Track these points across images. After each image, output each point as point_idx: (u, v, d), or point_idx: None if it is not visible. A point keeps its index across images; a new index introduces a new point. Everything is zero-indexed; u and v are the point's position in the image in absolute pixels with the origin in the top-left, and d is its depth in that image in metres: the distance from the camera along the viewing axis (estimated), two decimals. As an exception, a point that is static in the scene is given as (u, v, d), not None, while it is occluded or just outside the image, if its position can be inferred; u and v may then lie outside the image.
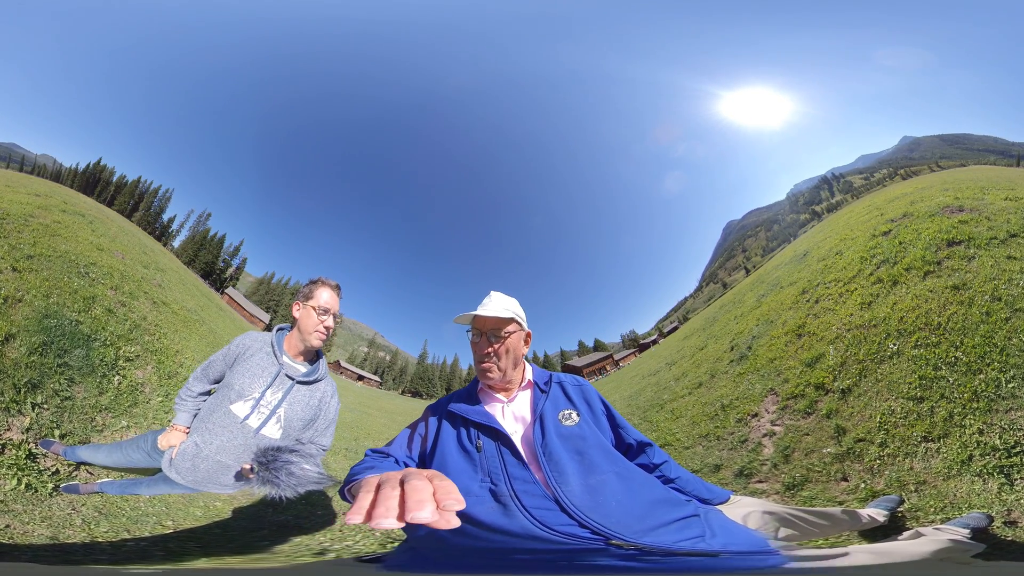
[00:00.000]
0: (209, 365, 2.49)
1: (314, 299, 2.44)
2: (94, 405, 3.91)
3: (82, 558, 2.46)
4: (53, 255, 6.04)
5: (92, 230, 8.76)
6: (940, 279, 4.76)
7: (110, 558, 2.55)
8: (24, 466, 3.00)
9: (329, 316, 2.46)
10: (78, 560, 2.42)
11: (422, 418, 1.95)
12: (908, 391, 3.64)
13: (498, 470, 1.64)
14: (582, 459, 1.66)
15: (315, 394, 2.44)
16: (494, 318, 1.89)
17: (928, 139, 17.11)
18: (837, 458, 3.50)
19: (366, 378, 21.91)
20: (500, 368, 1.88)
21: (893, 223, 7.18)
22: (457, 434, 1.80)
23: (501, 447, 1.70)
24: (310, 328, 2.42)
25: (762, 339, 6.61)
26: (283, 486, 2.12)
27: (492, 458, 1.68)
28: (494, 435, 1.74)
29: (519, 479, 1.61)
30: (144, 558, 2.63)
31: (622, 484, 1.63)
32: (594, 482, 1.61)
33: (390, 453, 1.81)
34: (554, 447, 1.67)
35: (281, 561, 2.80)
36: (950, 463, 2.93)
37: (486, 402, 1.89)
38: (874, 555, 1.68)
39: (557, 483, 1.58)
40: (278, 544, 3.13)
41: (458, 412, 1.84)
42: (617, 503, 1.56)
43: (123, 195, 17.99)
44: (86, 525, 2.79)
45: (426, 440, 1.85)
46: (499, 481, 1.62)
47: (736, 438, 4.62)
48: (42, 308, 4.52)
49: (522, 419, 1.82)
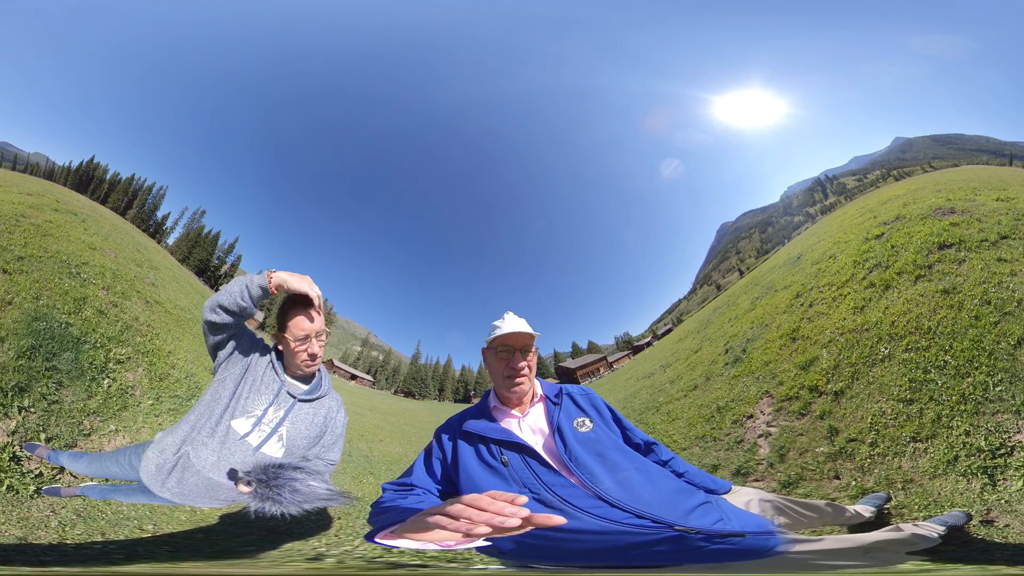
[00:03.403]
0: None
1: (288, 330, 2.18)
2: (82, 409, 3.87)
3: (51, 560, 2.42)
4: (44, 256, 5.98)
5: (85, 229, 8.68)
6: (931, 283, 4.79)
7: (75, 559, 2.51)
8: (7, 468, 2.98)
9: (310, 342, 2.20)
10: (48, 562, 2.39)
11: (434, 443, 2.00)
12: (899, 393, 3.71)
13: (533, 481, 1.73)
14: (604, 460, 1.79)
15: (319, 411, 2.30)
16: (528, 334, 1.99)
17: (920, 140, 17.18)
18: (830, 457, 3.59)
19: (359, 377, 21.84)
20: (529, 380, 1.99)
21: (885, 226, 7.21)
22: (477, 452, 1.86)
23: (528, 459, 1.79)
24: (294, 359, 2.21)
25: (757, 342, 6.64)
26: (286, 503, 2.02)
27: (522, 471, 1.77)
28: (518, 449, 1.82)
29: (558, 485, 1.71)
30: (110, 562, 2.58)
31: (643, 477, 1.77)
32: (621, 478, 1.74)
33: (413, 484, 1.83)
34: (578, 453, 1.80)
35: (266, 567, 2.77)
36: (936, 463, 3.01)
37: (501, 419, 1.97)
38: (838, 543, 1.83)
39: (593, 483, 1.70)
40: (268, 550, 3.07)
41: (475, 431, 1.90)
42: (649, 495, 1.70)
43: (117, 193, 17.84)
44: (60, 527, 2.75)
45: (445, 462, 1.91)
46: (539, 490, 1.71)
47: (732, 439, 4.67)
48: (31, 311, 4.48)
49: (540, 431, 1.93)
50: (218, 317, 2.09)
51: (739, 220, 20.69)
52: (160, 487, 2.18)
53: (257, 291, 2.10)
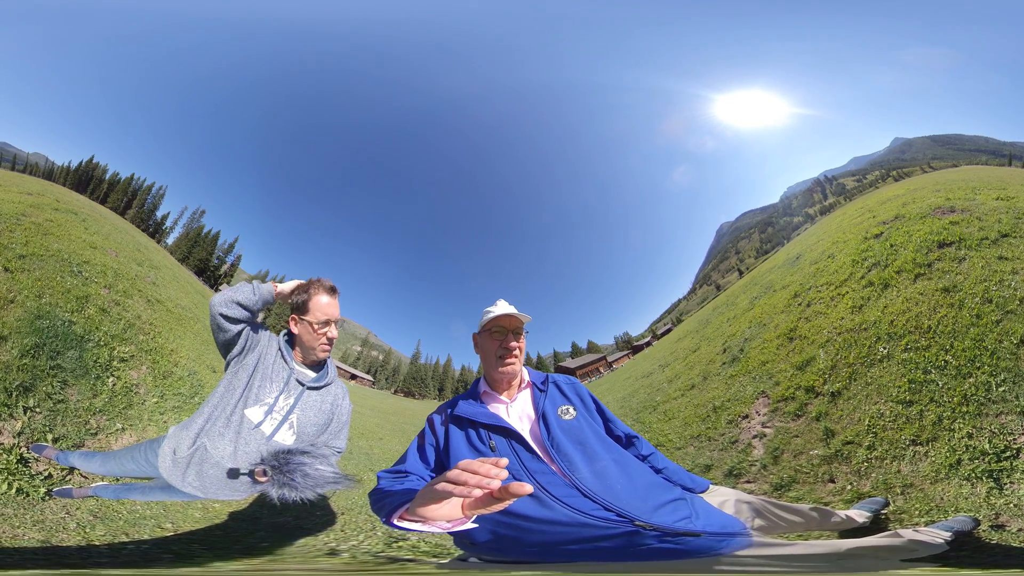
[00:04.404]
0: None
1: (310, 313, 2.29)
2: (88, 408, 3.87)
3: (80, 562, 2.44)
4: (45, 254, 5.99)
5: (85, 228, 8.69)
6: (931, 281, 4.78)
7: (110, 562, 2.53)
8: (15, 470, 2.98)
9: (330, 326, 2.31)
10: (74, 564, 2.40)
11: (427, 427, 2.03)
12: (897, 394, 3.66)
13: (516, 466, 1.76)
14: (584, 449, 1.82)
15: (327, 398, 2.36)
16: (520, 317, 2.06)
17: (920, 140, 17.23)
18: (825, 460, 3.53)
19: (359, 377, 21.86)
20: (520, 362, 2.05)
21: (885, 225, 7.23)
22: (467, 436, 1.90)
23: (514, 444, 1.83)
24: (312, 344, 2.31)
25: (754, 342, 6.66)
26: (300, 488, 2.07)
27: (507, 455, 1.78)
28: (505, 434, 1.86)
29: (539, 472, 1.74)
30: (149, 562, 2.61)
31: (620, 469, 1.79)
32: (598, 468, 1.76)
33: (407, 471, 1.85)
34: (560, 440, 1.83)
35: (287, 563, 2.79)
36: (938, 467, 2.94)
37: (489, 403, 2.01)
38: (810, 547, 1.81)
39: (571, 471, 1.73)
40: (284, 546, 3.12)
41: (465, 415, 1.94)
42: (622, 487, 1.72)
43: (116, 192, 17.85)
44: (81, 529, 2.77)
45: (438, 447, 1.94)
46: (520, 476, 1.73)
47: (727, 439, 4.66)
48: (34, 309, 4.48)
49: (527, 416, 1.96)
50: (233, 312, 2.21)
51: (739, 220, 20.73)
52: (181, 481, 2.21)
53: (266, 293, 2.31)
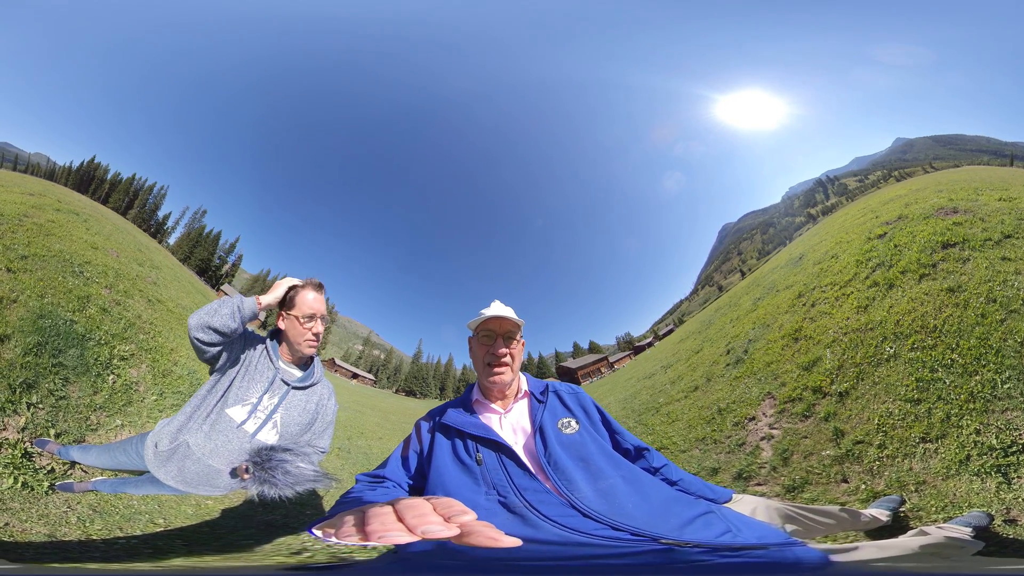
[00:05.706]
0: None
1: (296, 307, 2.30)
2: (88, 404, 3.89)
3: (78, 556, 2.45)
4: (47, 255, 6.00)
5: (86, 228, 8.69)
6: (936, 282, 4.79)
7: (103, 556, 2.54)
8: (20, 465, 3.00)
9: (316, 321, 2.32)
10: (75, 558, 2.41)
11: (413, 433, 1.91)
12: (905, 393, 3.68)
13: (504, 482, 1.61)
14: (587, 466, 1.66)
15: (312, 398, 2.37)
16: (511, 320, 1.89)
17: (921, 140, 17.22)
18: (836, 460, 3.53)
19: (361, 376, 21.84)
20: (512, 371, 1.87)
21: (888, 225, 7.22)
22: (452, 446, 1.76)
23: (503, 459, 1.68)
24: (298, 339, 2.31)
25: (758, 343, 6.63)
26: (280, 485, 2.06)
27: (495, 470, 1.65)
28: (494, 447, 1.71)
29: (530, 490, 1.58)
30: (133, 556, 2.61)
31: (630, 487, 1.62)
32: (604, 487, 1.59)
33: (384, 476, 1.76)
34: (558, 456, 1.66)
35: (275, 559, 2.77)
36: (948, 463, 2.97)
37: (481, 413, 1.86)
38: (882, 550, 1.69)
39: (569, 491, 1.56)
40: (263, 543, 3.10)
41: (453, 424, 1.80)
42: (633, 505, 1.55)
43: (117, 193, 17.86)
44: (81, 523, 2.78)
45: (421, 455, 1.82)
46: (507, 493, 1.59)
47: (733, 441, 4.63)
48: (37, 308, 4.49)
49: (522, 430, 1.81)
50: (208, 336, 2.16)
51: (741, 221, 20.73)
52: (164, 474, 2.25)
53: (248, 312, 2.25)
